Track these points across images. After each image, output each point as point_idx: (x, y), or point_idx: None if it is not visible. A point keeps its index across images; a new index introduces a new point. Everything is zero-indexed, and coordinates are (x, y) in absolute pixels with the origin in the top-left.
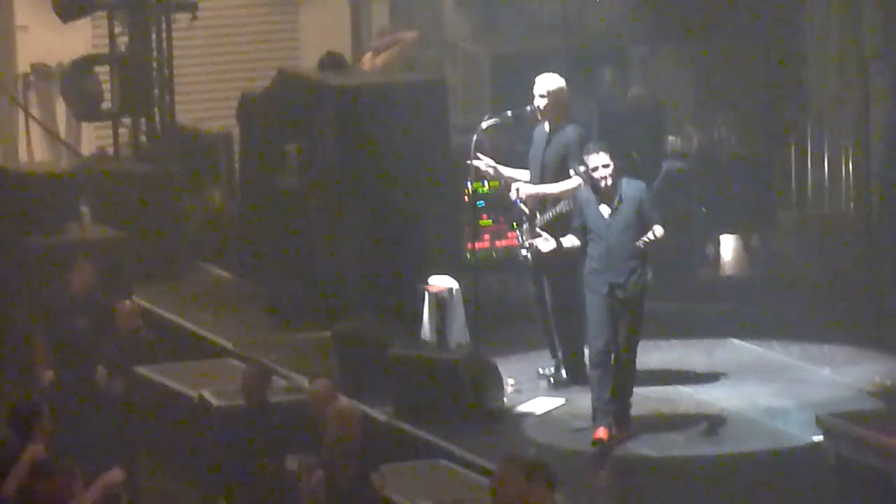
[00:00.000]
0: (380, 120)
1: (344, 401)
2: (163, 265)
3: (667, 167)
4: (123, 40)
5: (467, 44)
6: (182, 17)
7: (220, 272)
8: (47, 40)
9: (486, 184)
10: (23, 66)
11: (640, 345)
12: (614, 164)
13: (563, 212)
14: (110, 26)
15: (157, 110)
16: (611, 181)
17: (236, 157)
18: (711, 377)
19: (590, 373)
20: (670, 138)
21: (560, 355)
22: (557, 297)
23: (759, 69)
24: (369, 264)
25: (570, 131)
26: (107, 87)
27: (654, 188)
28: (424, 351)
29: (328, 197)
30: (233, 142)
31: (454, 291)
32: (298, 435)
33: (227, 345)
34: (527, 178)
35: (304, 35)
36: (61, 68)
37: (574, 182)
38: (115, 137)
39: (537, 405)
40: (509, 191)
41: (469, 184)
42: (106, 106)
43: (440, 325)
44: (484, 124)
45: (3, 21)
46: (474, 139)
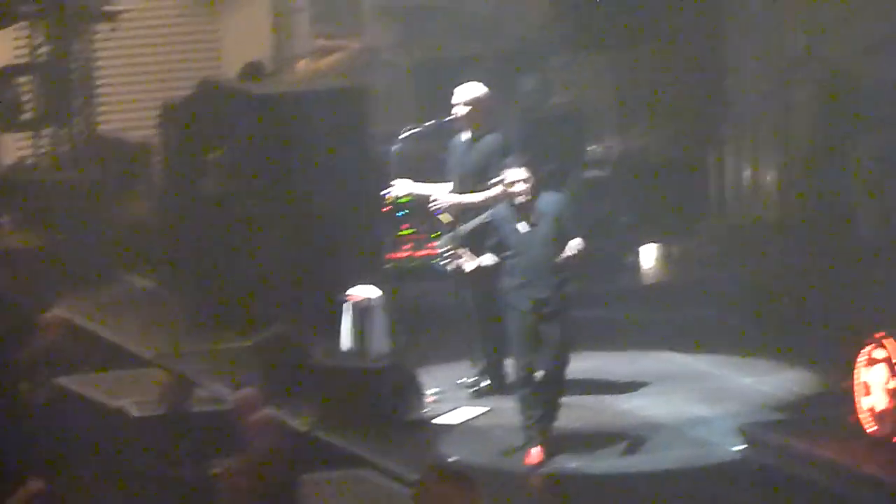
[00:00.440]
0: (300, 128)
1: (266, 411)
2: (84, 274)
3: (576, 177)
4: (45, 50)
5: (389, 52)
6: (103, 27)
7: (142, 281)
8: None
9: None
10: None
11: None
12: (533, 179)
13: (485, 221)
14: (32, 36)
15: (78, 119)
16: (529, 196)
17: (158, 166)
18: (634, 386)
19: (518, 394)
20: (591, 147)
21: (481, 364)
22: (479, 305)
23: (680, 77)
24: (291, 273)
25: (491, 140)
26: (28, 97)
27: (570, 199)
28: (345, 361)
29: (249, 206)
30: (155, 151)
31: (375, 301)
32: (220, 445)
33: (149, 355)
34: (448, 189)
35: (225, 44)
36: None
37: (496, 191)
38: (37, 147)
39: (459, 414)
40: (430, 200)
41: (390, 193)
42: (27, 116)
43: (361, 335)
44: (405, 133)
45: None
46: (395, 148)
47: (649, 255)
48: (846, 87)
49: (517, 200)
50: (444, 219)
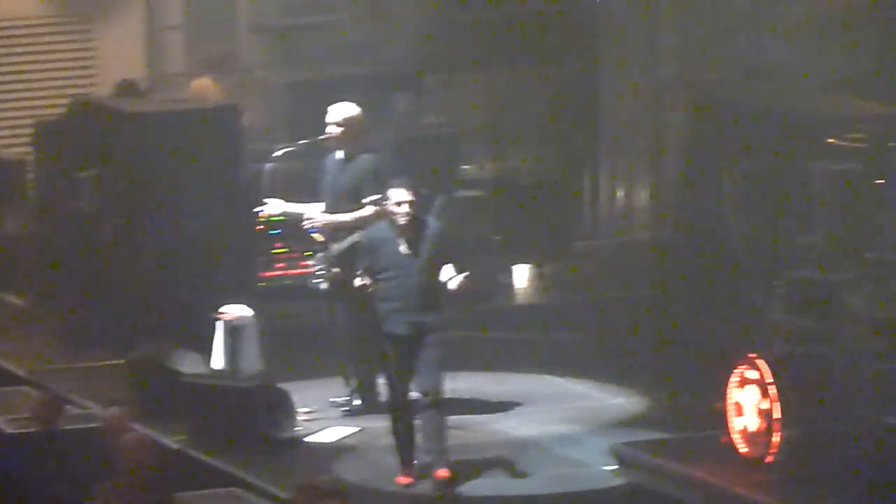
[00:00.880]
0: (174, 147)
1: (138, 428)
2: None
3: (441, 200)
4: None
5: (263, 71)
6: None
7: (15, 299)
8: None
9: None
10: None
11: None
12: (415, 200)
13: (358, 241)
14: None
15: None
16: (411, 218)
17: (31, 184)
18: (506, 406)
19: (391, 414)
20: (465, 167)
21: (354, 383)
22: (351, 325)
23: (554, 98)
24: (163, 291)
25: (365, 160)
26: None
27: (450, 224)
28: (217, 379)
29: (122, 223)
30: (28, 168)
31: (247, 319)
32: (91, 463)
33: (20, 372)
34: (321, 208)
35: (99, 62)
36: None
37: (368, 211)
38: None
39: (331, 434)
40: (304, 219)
41: (263, 212)
42: None
43: (233, 353)
44: (278, 152)
45: None
46: (268, 167)
47: (522, 276)
48: (717, 110)
49: (399, 221)
50: (318, 238)
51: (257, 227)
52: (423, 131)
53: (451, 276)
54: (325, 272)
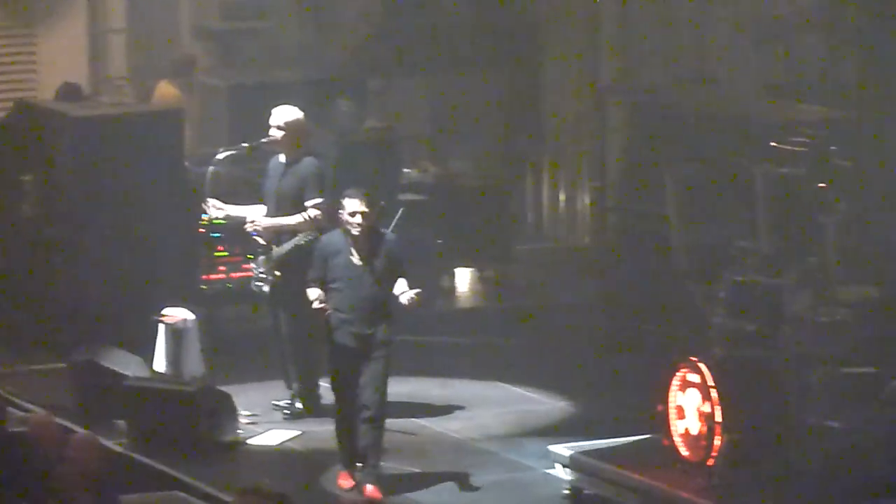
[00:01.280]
0: (116, 150)
1: (65, 432)
2: None
3: (400, 213)
4: None
5: (205, 75)
6: None
7: None
8: None
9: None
10: None
11: None
12: (370, 212)
13: (300, 244)
14: None
15: None
16: (365, 229)
17: None
18: (448, 409)
19: (334, 418)
20: (407, 170)
21: (295, 387)
22: (293, 328)
23: (496, 100)
24: (105, 294)
25: (307, 164)
26: None
27: (401, 236)
28: (159, 381)
29: (64, 227)
30: None
31: (189, 322)
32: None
33: None
34: (262, 212)
35: (41, 66)
36: None
37: (311, 214)
38: None
39: (273, 437)
40: (246, 222)
41: (205, 215)
42: None
43: (175, 356)
44: (220, 155)
45: None
46: (210, 170)
47: (463, 279)
48: (660, 114)
49: (353, 231)
50: (260, 241)
51: (199, 230)
52: (365, 135)
53: (403, 290)
54: (267, 275)
